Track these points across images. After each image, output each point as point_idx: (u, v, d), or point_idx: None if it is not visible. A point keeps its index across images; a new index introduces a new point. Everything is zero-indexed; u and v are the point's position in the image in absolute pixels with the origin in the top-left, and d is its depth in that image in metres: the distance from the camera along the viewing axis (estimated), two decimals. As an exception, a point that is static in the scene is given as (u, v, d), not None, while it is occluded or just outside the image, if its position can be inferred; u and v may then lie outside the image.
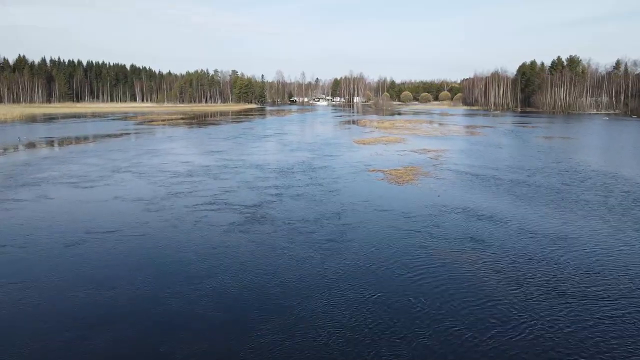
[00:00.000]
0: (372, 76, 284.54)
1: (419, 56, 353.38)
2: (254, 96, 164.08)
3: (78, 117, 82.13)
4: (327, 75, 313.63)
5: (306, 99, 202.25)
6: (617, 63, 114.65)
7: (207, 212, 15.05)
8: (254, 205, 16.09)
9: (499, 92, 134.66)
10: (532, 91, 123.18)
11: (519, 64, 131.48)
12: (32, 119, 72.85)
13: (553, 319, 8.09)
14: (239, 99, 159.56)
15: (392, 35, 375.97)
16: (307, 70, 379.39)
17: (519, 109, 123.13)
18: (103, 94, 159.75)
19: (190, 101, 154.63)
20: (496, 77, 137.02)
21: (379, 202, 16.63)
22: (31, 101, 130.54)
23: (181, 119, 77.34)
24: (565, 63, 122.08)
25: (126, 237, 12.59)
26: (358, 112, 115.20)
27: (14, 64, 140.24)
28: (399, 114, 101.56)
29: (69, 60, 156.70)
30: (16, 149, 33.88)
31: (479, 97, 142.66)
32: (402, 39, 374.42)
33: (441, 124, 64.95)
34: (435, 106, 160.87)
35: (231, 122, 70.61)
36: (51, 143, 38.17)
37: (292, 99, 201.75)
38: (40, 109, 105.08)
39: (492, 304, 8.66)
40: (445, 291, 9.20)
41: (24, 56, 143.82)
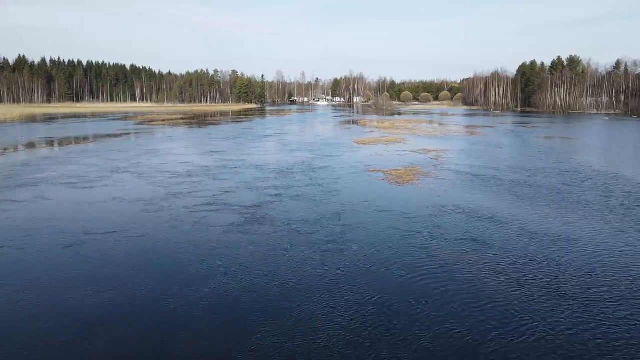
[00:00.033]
0: (372, 76, 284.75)
1: (419, 56, 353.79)
2: (254, 96, 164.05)
3: (78, 117, 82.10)
4: (327, 75, 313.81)
5: (306, 99, 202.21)
6: (617, 63, 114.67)
7: (206, 213, 15.00)
8: (254, 205, 16.04)
9: (499, 92, 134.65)
10: (532, 91, 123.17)
11: (519, 64, 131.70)
12: (32, 119, 72.81)
13: (555, 320, 8.04)
14: (239, 99, 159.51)
15: (392, 35, 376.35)
16: (307, 70, 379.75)
17: (519, 109, 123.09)
18: (103, 94, 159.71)
19: (190, 101, 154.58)
20: (496, 77, 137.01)
21: (379, 203, 16.58)
22: (31, 101, 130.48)
23: (181, 119, 77.30)
24: (565, 63, 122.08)
25: (125, 237, 12.55)
26: (358, 112, 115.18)
27: (14, 64, 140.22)
28: (399, 114, 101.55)
29: (69, 60, 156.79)
30: (15, 149, 33.84)
31: (479, 97, 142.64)
32: (402, 39, 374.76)
33: (441, 124, 64.91)
34: (435, 106, 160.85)
35: (231, 122, 70.57)
36: (51, 143, 38.13)
37: (292, 99, 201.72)
38: (40, 109, 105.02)
39: (493, 305, 8.61)
40: (445, 293, 9.15)
41: (24, 56, 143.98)
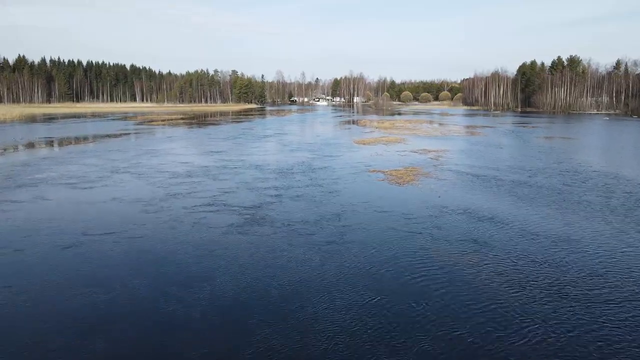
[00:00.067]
0: (372, 76, 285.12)
1: (419, 56, 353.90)
2: (254, 96, 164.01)
3: (78, 117, 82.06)
4: (327, 75, 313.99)
5: (306, 99, 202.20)
6: (618, 63, 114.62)
7: (206, 214, 14.95)
8: (254, 206, 15.99)
9: (499, 92, 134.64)
10: (532, 91, 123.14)
11: (519, 64, 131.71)
12: (32, 119, 72.75)
13: (556, 322, 7.99)
14: (239, 99, 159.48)
15: (392, 35, 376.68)
16: (307, 70, 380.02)
17: (519, 109, 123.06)
18: (103, 94, 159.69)
19: (190, 101, 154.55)
20: (496, 77, 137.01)
21: (379, 203, 16.54)
22: (31, 101, 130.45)
23: (181, 119, 77.26)
24: (565, 63, 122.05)
25: (125, 238, 12.50)
26: (358, 112, 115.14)
27: (13, 64, 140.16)
28: (399, 114, 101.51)
29: (68, 60, 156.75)
30: (15, 149, 33.79)
31: (479, 97, 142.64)
32: (402, 39, 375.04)
33: (441, 124, 64.87)
34: (435, 106, 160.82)
35: (231, 122, 70.53)
36: (50, 143, 38.08)
37: (292, 99, 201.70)
38: (40, 109, 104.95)
39: (495, 307, 8.56)
40: (446, 294, 9.10)
41: (23, 56, 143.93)
